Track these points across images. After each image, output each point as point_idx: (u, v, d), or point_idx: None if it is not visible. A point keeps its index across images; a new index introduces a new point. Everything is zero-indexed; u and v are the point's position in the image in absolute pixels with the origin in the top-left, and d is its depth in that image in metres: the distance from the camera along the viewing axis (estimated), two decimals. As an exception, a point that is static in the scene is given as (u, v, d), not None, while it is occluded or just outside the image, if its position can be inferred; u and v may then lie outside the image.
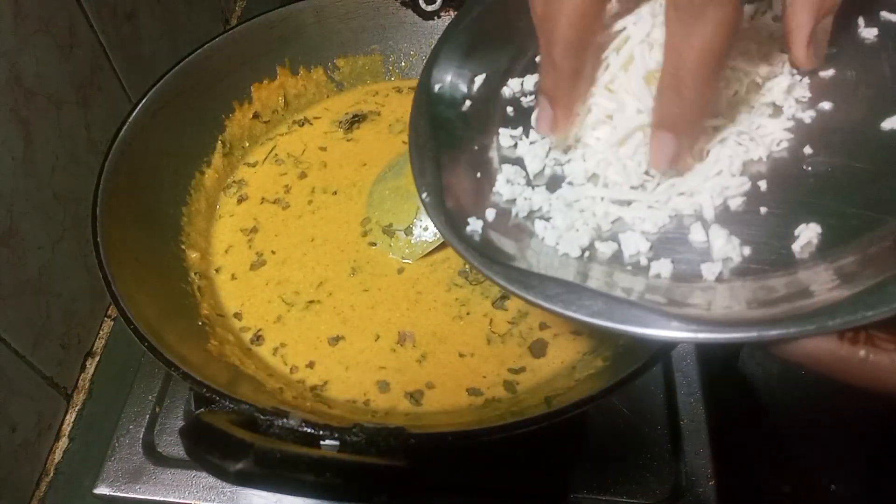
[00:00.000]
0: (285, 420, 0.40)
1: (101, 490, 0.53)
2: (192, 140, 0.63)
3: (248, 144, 0.68)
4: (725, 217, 0.35)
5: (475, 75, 0.46)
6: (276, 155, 0.67)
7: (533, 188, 0.40)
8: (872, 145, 0.35)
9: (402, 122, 0.67)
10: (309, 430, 0.40)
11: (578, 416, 0.48)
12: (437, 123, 0.43)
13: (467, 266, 0.54)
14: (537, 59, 0.44)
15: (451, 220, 0.38)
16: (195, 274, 0.57)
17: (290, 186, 0.64)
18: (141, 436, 0.55)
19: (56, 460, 0.58)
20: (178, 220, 0.60)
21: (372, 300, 0.55)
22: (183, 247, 0.58)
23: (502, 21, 0.48)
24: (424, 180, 0.41)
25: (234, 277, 0.58)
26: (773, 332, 0.28)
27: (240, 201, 0.64)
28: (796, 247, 0.32)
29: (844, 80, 0.38)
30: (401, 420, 0.48)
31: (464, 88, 0.45)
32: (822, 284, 0.30)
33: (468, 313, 0.54)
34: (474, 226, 0.38)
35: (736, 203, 0.35)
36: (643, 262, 0.35)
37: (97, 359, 0.63)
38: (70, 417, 0.60)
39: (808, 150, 0.36)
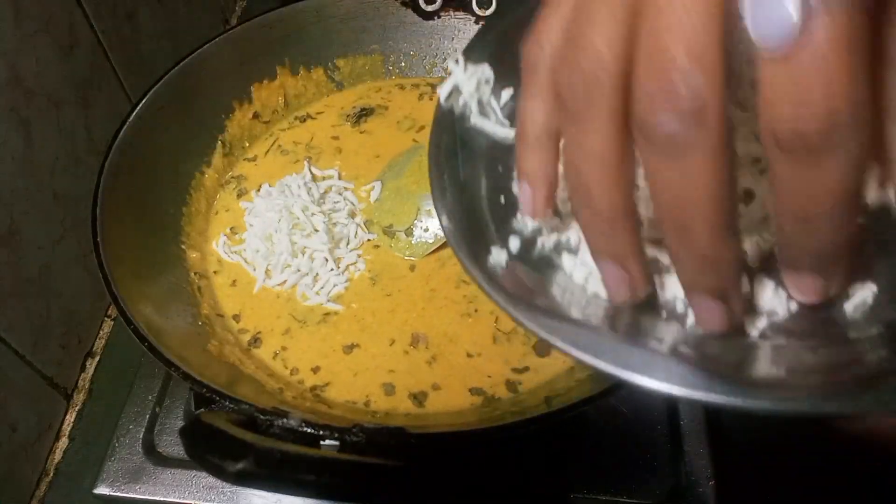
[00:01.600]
0: (285, 420, 0.40)
1: (101, 490, 0.53)
2: (192, 140, 0.63)
3: (248, 144, 0.67)
4: (772, 265, 0.31)
5: (502, 88, 0.41)
6: (281, 146, 0.67)
7: (561, 218, 0.36)
8: None
9: (410, 118, 0.67)
10: (309, 430, 0.40)
11: (578, 417, 0.48)
12: (462, 139, 0.40)
13: None
14: None
15: (472, 250, 0.35)
16: (195, 274, 0.57)
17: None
18: (141, 436, 0.55)
19: (56, 460, 0.58)
20: (178, 220, 0.60)
21: (392, 303, 0.55)
22: (183, 247, 0.58)
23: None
24: (444, 203, 0.37)
25: (234, 284, 0.58)
26: (829, 407, 0.25)
27: (239, 195, 0.63)
28: (849, 307, 0.29)
29: None
30: (401, 420, 0.48)
31: (490, 101, 0.41)
32: (880, 353, 0.27)
33: (476, 310, 0.54)
34: (497, 257, 0.35)
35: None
36: (680, 308, 0.31)
37: (97, 359, 0.63)
38: (70, 417, 0.60)
39: None
